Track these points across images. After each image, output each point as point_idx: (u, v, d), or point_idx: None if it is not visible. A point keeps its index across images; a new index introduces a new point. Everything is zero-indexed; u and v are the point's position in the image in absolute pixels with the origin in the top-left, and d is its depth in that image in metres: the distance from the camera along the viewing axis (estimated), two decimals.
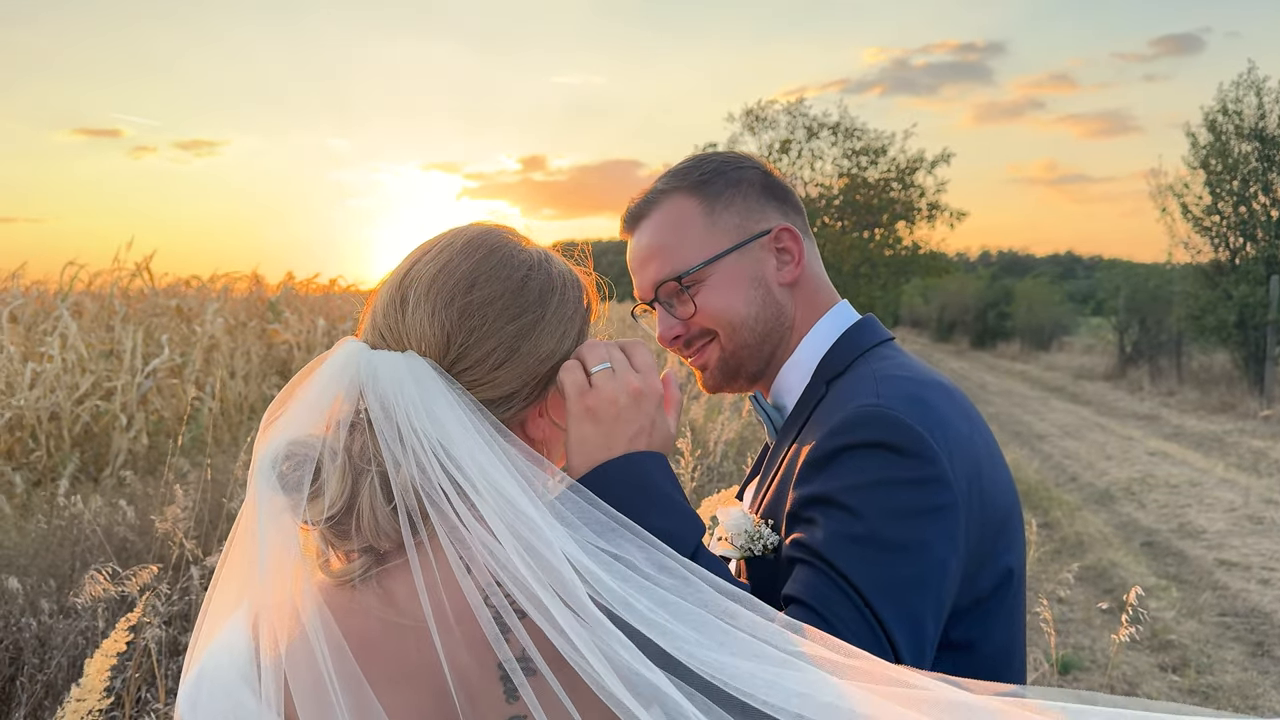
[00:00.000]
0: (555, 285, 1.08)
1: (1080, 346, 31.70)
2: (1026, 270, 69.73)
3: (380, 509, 0.96)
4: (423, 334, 1.01)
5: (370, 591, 0.97)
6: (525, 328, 1.04)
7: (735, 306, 1.37)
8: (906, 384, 1.26)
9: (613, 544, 0.95)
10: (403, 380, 0.98)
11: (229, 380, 9.78)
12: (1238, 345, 18.27)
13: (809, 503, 1.20)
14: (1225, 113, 18.67)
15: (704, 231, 1.37)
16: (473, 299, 1.02)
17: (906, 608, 1.13)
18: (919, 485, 1.17)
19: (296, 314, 13.27)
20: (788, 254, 1.40)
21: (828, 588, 1.13)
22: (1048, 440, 13.73)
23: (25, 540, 4.57)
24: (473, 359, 1.02)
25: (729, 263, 1.37)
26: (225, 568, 1.03)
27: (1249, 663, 5.52)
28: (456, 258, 1.05)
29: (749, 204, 1.40)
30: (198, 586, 3.59)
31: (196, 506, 4.38)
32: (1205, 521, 8.75)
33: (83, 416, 7.92)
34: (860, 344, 1.37)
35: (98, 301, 11.05)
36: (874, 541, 1.14)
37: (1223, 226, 18.90)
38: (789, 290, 1.40)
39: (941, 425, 1.22)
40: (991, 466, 1.28)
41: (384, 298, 1.06)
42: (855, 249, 26.69)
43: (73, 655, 3.52)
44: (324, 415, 0.99)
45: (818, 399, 1.33)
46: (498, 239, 1.08)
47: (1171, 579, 7.04)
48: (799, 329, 1.40)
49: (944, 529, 1.17)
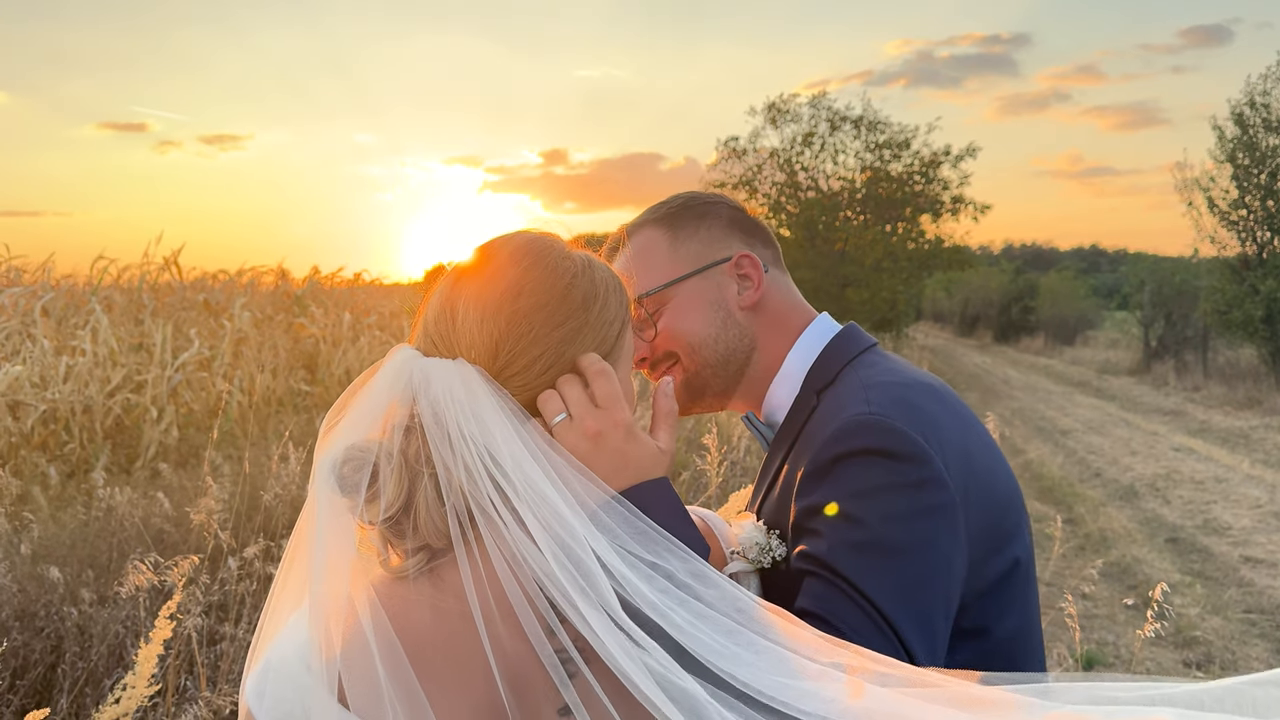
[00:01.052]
0: (598, 291, 1.11)
1: (1105, 341, 31.48)
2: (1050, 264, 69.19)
3: (435, 509, 1.01)
4: (472, 341, 1.06)
5: (424, 582, 1.02)
6: (570, 333, 1.08)
7: (694, 328, 1.43)
8: (894, 389, 1.31)
9: (652, 553, 0.99)
10: (453, 386, 1.02)
11: (257, 374, 9.89)
12: (1265, 340, 18.11)
13: (811, 513, 1.24)
14: (1253, 105, 18.48)
15: (667, 258, 1.45)
16: (519, 306, 1.06)
17: (915, 608, 1.17)
18: (916, 487, 1.21)
19: (322, 308, 13.39)
20: (748, 280, 1.46)
21: (837, 597, 1.17)
22: (1072, 435, 13.67)
23: (63, 531, 4.66)
24: (520, 365, 1.06)
25: (689, 287, 1.44)
26: (288, 565, 1.07)
27: (1274, 659, 5.50)
28: (504, 266, 1.09)
29: (713, 234, 1.48)
30: (234, 577, 3.66)
31: (232, 499, 4.46)
32: (1230, 518, 8.71)
33: (114, 409, 8.03)
34: (846, 353, 1.42)
35: (126, 295, 11.19)
36: (877, 547, 1.19)
37: (1250, 220, 18.72)
38: (750, 314, 1.46)
39: (932, 425, 1.26)
40: (987, 458, 1.33)
41: (435, 306, 1.10)
42: (878, 242, 26.55)
43: (113, 644, 3.60)
44: (380, 420, 1.04)
45: (809, 410, 1.37)
46: (543, 246, 1.12)
47: (1196, 575, 7.02)
48: (766, 349, 1.46)
49: (944, 527, 1.22)
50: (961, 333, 45.25)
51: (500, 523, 0.97)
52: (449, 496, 1.00)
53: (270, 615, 1.07)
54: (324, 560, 1.01)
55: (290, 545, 1.10)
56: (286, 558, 1.09)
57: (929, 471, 1.22)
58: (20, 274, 11.17)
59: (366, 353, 11.94)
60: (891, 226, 27.95)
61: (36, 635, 3.75)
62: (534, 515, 0.97)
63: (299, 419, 9.09)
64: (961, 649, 1.26)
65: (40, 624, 3.80)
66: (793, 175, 28.60)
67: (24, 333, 8.99)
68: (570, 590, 0.94)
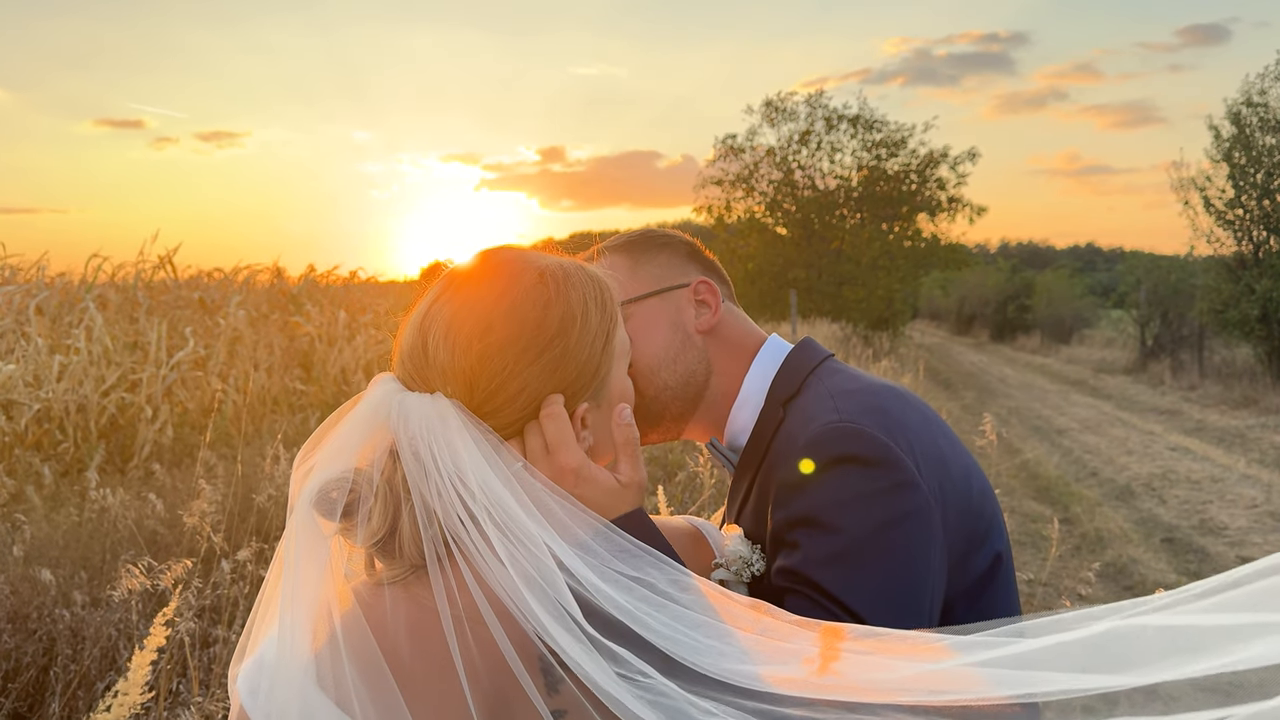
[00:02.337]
0: (575, 312, 1.08)
1: (1101, 340, 31.52)
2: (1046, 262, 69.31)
3: (419, 535, 1.01)
4: (446, 376, 1.04)
5: (409, 581, 1.03)
6: (551, 363, 1.06)
7: (653, 349, 1.44)
8: (861, 395, 1.33)
9: (633, 567, 0.99)
10: (431, 423, 1.01)
11: (252, 373, 9.87)
12: (1260, 340, 18.14)
13: (788, 526, 1.24)
14: (1250, 105, 18.50)
15: (626, 279, 1.46)
16: (491, 341, 1.04)
17: (899, 616, 1.17)
18: (890, 493, 1.22)
19: (318, 306, 13.37)
20: (706, 305, 1.48)
21: (819, 614, 1.16)
22: (1068, 435, 13.68)
23: (56, 532, 4.64)
24: (500, 400, 1.05)
25: (648, 307, 1.46)
26: (276, 570, 1.08)
27: None
28: (473, 297, 1.07)
29: (672, 261, 1.50)
30: (228, 580, 3.65)
31: (225, 500, 4.44)
32: (1227, 518, 8.72)
33: (109, 408, 8.01)
34: (806, 363, 1.43)
35: (121, 293, 11.16)
36: (856, 556, 1.19)
37: (1246, 220, 18.74)
38: (707, 337, 1.47)
39: (902, 428, 1.28)
40: (958, 457, 1.34)
41: (408, 337, 1.09)
42: (874, 241, 26.58)
43: (105, 647, 3.58)
44: (361, 450, 1.04)
45: (777, 422, 1.38)
46: (513, 273, 1.09)
47: (1193, 576, 7.02)
48: (723, 372, 1.47)
49: (922, 531, 1.22)
50: (958, 331, 45.33)
51: (473, 547, 0.97)
52: (426, 529, 1.00)
53: (261, 613, 1.07)
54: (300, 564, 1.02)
55: (278, 552, 1.10)
56: (275, 561, 1.09)
57: (902, 475, 1.23)
58: (15, 272, 11.13)
59: (362, 351, 11.92)
60: (888, 225, 27.97)
61: (28, 638, 3.73)
62: (506, 541, 0.97)
63: (294, 419, 9.07)
64: None
65: (32, 626, 3.78)
66: (789, 174, 28.61)
67: (18, 331, 8.96)
68: (541, 616, 0.94)
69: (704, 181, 29.44)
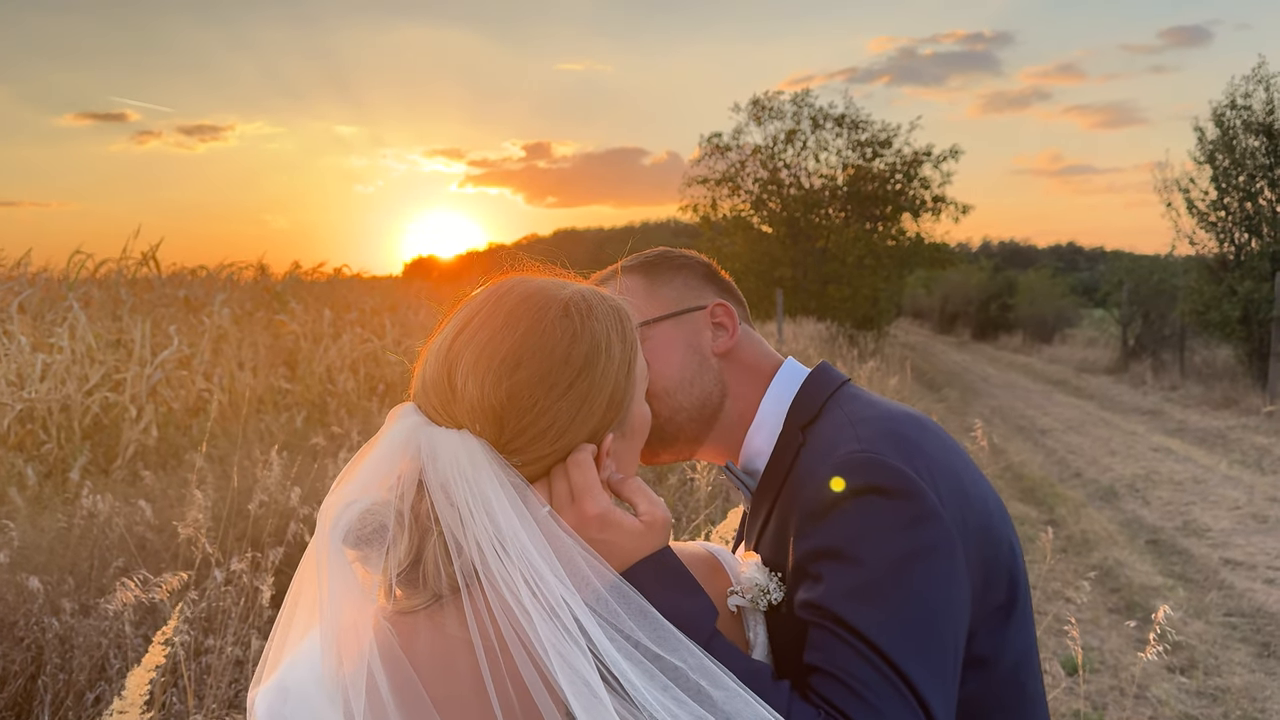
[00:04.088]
0: (600, 343, 1.08)
1: (1083, 339, 31.70)
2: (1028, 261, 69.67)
3: (444, 565, 1.01)
4: (474, 414, 1.04)
5: (434, 609, 1.03)
6: (578, 398, 1.06)
7: (670, 371, 1.43)
8: (881, 423, 1.32)
9: (659, 640, 1.00)
10: (459, 460, 1.01)
11: (237, 372, 9.80)
12: (1241, 341, 18.28)
13: (811, 557, 1.23)
14: (1234, 107, 18.62)
15: (643, 301, 1.45)
16: (519, 379, 1.04)
17: (925, 654, 1.16)
18: (914, 525, 1.21)
19: (303, 304, 13.30)
20: (723, 328, 1.48)
21: (844, 651, 1.15)
22: (1051, 435, 13.76)
23: (42, 537, 4.59)
24: (528, 437, 1.05)
25: (665, 329, 1.45)
26: (298, 587, 1.09)
27: (1256, 664, 5.55)
28: (500, 333, 1.06)
29: (689, 283, 1.50)
30: (220, 592, 3.61)
31: (216, 507, 4.40)
32: (1210, 519, 8.78)
33: (92, 408, 7.93)
34: (825, 388, 1.42)
35: (104, 290, 11.06)
36: (879, 589, 1.17)
37: (1228, 222, 18.87)
38: (723, 360, 1.47)
39: (924, 457, 1.27)
40: (974, 484, 1.33)
41: (431, 370, 1.08)
42: (859, 240, 26.65)
43: (95, 656, 3.55)
44: (384, 480, 1.04)
45: (796, 447, 1.37)
46: (539, 305, 1.08)
47: (1177, 578, 7.07)
48: (739, 396, 1.46)
49: (945, 563, 1.21)
50: (940, 330, 45.50)
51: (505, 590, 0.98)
52: (456, 559, 1.00)
53: (280, 635, 1.08)
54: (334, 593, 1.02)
55: (297, 574, 1.11)
56: (297, 574, 1.10)
57: (925, 506, 1.22)
58: None
59: (348, 350, 11.86)
60: (873, 225, 28.07)
61: (16, 646, 3.69)
62: (528, 597, 0.97)
63: (279, 418, 9.01)
64: (969, 679, 1.26)
65: (20, 634, 3.74)
66: (775, 172, 28.65)
67: (0, 329, 8.87)
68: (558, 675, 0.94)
69: (690, 180, 29.46)
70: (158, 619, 3.70)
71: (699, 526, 4.39)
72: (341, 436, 7.20)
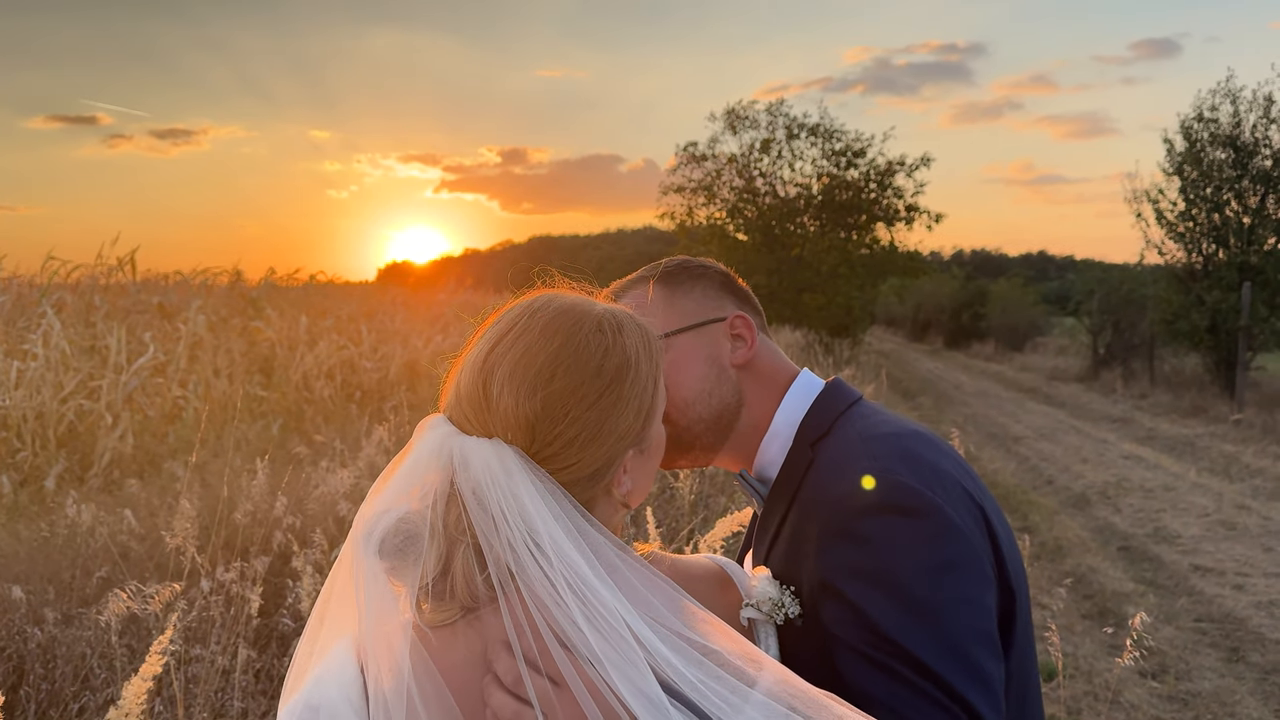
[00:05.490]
0: (630, 360, 1.13)
1: (1054, 348, 32.01)
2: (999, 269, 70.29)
3: (472, 576, 1.03)
4: (507, 423, 1.07)
5: (464, 626, 1.05)
6: (605, 410, 1.10)
7: (689, 383, 1.45)
8: (893, 440, 1.34)
9: (687, 627, 1.02)
10: (492, 468, 1.04)
11: (213, 379, 9.74)
12: (1209, 350, 18.56)
13: (838, 576, 1.24)
14: (1201, 120, 18.91)
15: (663, 312, 1.47)
16: (554, 389, 1.07)
17: (969, 662, 1.18)
18: (936, 540, 1.23)
19: (278, 310, 13.22)
20: (742, 339, 1.50)
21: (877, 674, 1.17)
22: (1023, 443, 13.90)
23: (21, 546, 4.56)
24: (558, 445, 1.08)
25: (685, 341, 1.47)
26: (327, 605, 1.10)
27: (1225, 669, 5.65)
28: (535, 344, 1.09)
29: (707, 294, 1.52)
30: (208, 600, 3.60)
31: (200, 516, 4.39)
32: (1180, 526, 8.92)
33: (67, 416, 7.87)
34: (836, 406, 1.45)
35: (77, 295, 10.96)
36: (913, 608, 1.19)
37: (1196, 232, 19.16)
38: (741, 371, 1.49)
39: (935, 472, 1.29)
40: (981, 498, 1.35)
41: (467, 381, 1.11)
42: (834, 249, 26.81)
43: (78, 666, 3.53)
44: (413, 490, 1.06)
45: (806, 463, 1.39)
46: (576, 320, 1.12)
47: (1148, 585, 7.18)
48: (754, 405, 1.49)
49: (973, 574, 1.24)
50: (913, 337, 45.81)
51: (547, 600, 1.00)
52: (493, 569, 1.02)
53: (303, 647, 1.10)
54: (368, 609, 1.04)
55: (326, 588, 1.13)
56: (324, 592, 1.12)
57: (944, 520, 1.24)
58: None
59: (325, 357, 11.80)
60: (847, 233, 28.23)
61: None
62: (574, 596, 0.99)
63: (255, 426, 8.96)
64: None
65: (1, 644, 3.72)
66: (751, 181, 28.78)
67: None
68: (609, 668, 0.96)
69: (666, 189, 29.54)
70: (140, 628, 3.69)
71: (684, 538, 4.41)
72: (324, 445, 7.18)
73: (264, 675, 3.64)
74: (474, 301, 25.74)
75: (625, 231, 76.08)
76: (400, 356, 13.18)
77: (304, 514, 4.47)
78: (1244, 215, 18.66)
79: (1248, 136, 18.42)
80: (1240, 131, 18.48)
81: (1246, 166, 18.40)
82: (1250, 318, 17.46)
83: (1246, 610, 6.58)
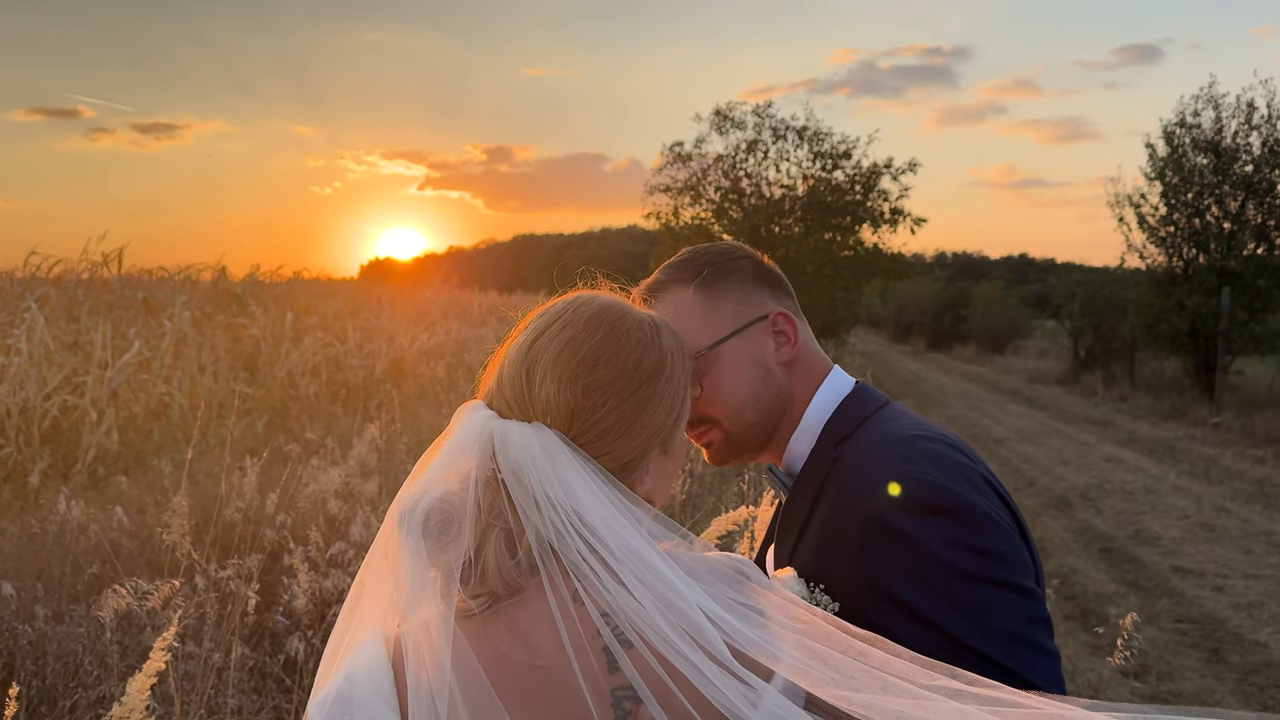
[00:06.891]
0: (666, 360, 1.17)
1: (1035, 350, 32.24)
2: (981, 272, 70.65)
3: (504, 561, 1.05)
4: (548, 409, 1.10)
5: (495, 620, 1.06)
6: (640, 403, 1.13)
7: (737, 390, 1.44)
8: (920, 442, 1.35)
9: (744, 595, 1.06)
10: (532, 450, 1.06)
11: (198, 376, 9.70)
12: (1189, 353, 18.74)
13: (886, 577, 1.26)
14: (1183, 125, 19.09)
15: (703, 319, 1.45)
16: (595, 378, 1.11)
17: (1029, 646, 1.22)
18: (976, 534, 1.25)
19: (262, 306, 13.17)
20: (784, 336, 1.48)
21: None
22: (1005, 445, 14.00)
23: (9, 542, 4.54)
24: (594, 433, 1.11)
25: (731, 347, 1.45)
26: (359, 597, 1.12)
27: (1206, 669, 5.72)
28: (579, 335, 1.13)
29: (744, 291, 1.49)
30: (204, 597, 3.60)
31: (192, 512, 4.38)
32: (1160, 528, 9.01)
33: (52, 411, 7.82)
34: (863, 409, 1.45)
35: (61, 290, 10.89)
36: (964, 602, 1.22)
37: (1177, 237, 19.34)
38: (786, 369, 1.48)
39: (963, 472, 1.31)
40: (1004, 492, 1.37)
41: (510, 368, 1.14)
42: (819, 250, 26.89)
43: (69, 663, 3.52)
44: (455, 473, 1.08)
45: (830, 462, 1.40)
46: (618, 315, 1.17)
47: (1130, 586, 7.26)
48: (799, 401, 1.48)
49: (1015, 564, 1.27)
50: (895, 339, 46.03)
51: (594, 578, 1.02)
52: (537, 552, 1.04)
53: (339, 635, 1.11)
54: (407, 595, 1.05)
55: (360, 576, 1.14)
56: (356, 586, 1.13)
57: (980, 515, 1.26)
58: None
59: (310, 354, 11.77)
60: (832, 235, 28.33)
61: None
62: (631, 572, 1.02)
63: (240, 423, 8.93)
64: None
65: None
66: (737, 182, 28.84)
67: None
68: (674, 638, 0.99)
69: (652, 188, 29.56)
70: (132, 625, 3.68)
71: None
72: (315, 443, 7.16)
73: (257, 672, 3.64)
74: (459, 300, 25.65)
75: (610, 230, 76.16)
76: (386, 354, 13.16)
77: (295, 512, 4.47)
78: (1224, 220, 18.85)
79: (1229, 142, 18.61)
80: (1222, 137, 18.67)
81: (1227, 172, 18.59)
82: (1230, 322, 17.66)
83: (1226, 611, 6.67)
